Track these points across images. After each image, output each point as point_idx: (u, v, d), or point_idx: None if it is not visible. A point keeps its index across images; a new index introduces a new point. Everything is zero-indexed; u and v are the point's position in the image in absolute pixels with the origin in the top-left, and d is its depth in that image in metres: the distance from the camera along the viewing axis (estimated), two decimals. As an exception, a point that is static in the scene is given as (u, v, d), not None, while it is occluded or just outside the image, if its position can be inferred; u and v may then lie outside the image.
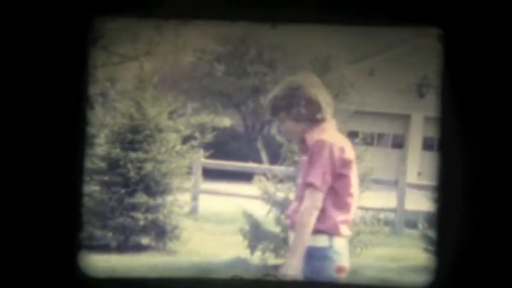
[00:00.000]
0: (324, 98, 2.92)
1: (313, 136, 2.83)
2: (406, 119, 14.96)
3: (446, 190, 2.06)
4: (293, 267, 2.70)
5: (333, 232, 2.79)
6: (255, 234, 6.49)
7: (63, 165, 2.01)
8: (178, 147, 7.16)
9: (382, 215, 7.76)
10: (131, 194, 6.89)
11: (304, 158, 2.85)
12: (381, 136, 14.72)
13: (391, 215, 8.65)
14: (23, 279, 1.99)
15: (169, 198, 7.08)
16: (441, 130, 2.06)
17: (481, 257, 2.02)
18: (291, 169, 6.50)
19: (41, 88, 1.99)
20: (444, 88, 2.04)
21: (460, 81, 2.02)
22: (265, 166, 6.75)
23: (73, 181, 2.05)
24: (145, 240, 6.92)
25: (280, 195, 6.61)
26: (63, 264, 2.02)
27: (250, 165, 8.58)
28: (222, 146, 10.87)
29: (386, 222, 8.01)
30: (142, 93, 7.17)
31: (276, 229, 6.53)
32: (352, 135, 7.34)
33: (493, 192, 2.02)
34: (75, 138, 2.05)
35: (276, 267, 6.50)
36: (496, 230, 2.02)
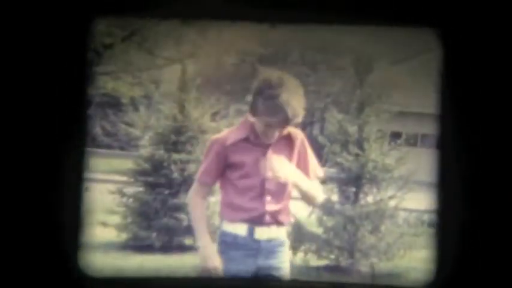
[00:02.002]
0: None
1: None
2: (450, 119, 14.72)
3: (446, 188, 2.05)
4: None
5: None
6: (297, 235, 6.48)
7: (64, 165, 2.02)
8: (221, 148, 7.18)
9: (426, 217, 7.67)
10: (175, 194, 6.96)
11: (271, 151, 2.80)
12: (424, 137, 14.55)
13: (436, 217, 8.52)
14: (24, 280, 2.01)
15: (212, 199, 7.11)
16: (440, 128, 2.06)
17: (480, 256, 2.01)
18: (333, 170, 6.48)
19: (42, 88, 2.00)
20: (443, 87, 2.03)
21: (459, 81, 2.01)
22: (308, 167, 6.73)
23: (74, 180, 2.06)
24: (188, 241, 6.98)
25: (323, 196, 6.59)
26: (64, 264, 2.04)
27: (292, 167, 8.55)
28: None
29: (431, 224, 7.91)
30: (185, 95, 7.24)
31: (319, 230, 6.52)
32: (395, 136, 7.28)
33: (492, 191, 2.00)
34: (76, 137, 2.06)
35: (318, 268, 6.50)
36: (496, 228, 2.00)
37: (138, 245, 6.81)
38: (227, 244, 2.81)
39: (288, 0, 2.11)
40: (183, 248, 6.92)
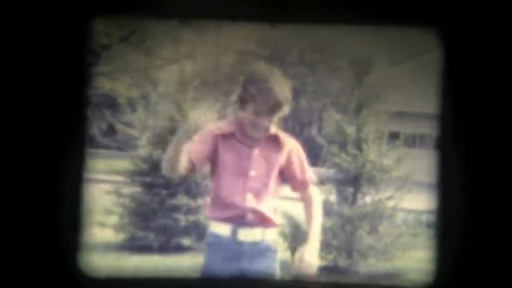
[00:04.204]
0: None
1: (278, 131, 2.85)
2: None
3: (446, 189, 2.05)
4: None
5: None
6: (296, 236, 6.47)
7: (63, 166, 2.02)
8: (218, 148, 7.19)
9: (424, 217, 7.67)
10: (172, 195, 6.95)
11: (257, 150, 2.80)
12: (423, 137, 14.54)
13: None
14: (23, 280, 2.01)
15: (209, 199, 7.11)
16: (440, 129, 2.06)
17: (480, 256, 2.00)
18: (331, 171, 6.48)
19: (40, 89, 2.00)
20: (444, 87, 2.04)
21: (460, 81, 2.01)
22: (306, 168, 6.74)
23: (72, 181, 2.06)
24: (186, 241, 6.97)
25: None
26: (62, 265, 2.03)
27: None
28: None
29: (429, 225, 7.92)
30: (183, 96, 7.24)
31: (317, 231, 6.51)
32: (393, 136, 7.28)
33: (492, 191, 2.00)
34: (76, 137, 2.06)
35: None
36: (497, 228, 2.00)
37: (135, 246, 6.79)
38: (212, 245, 2.80)
39: (288, 0, 2.11)
40: (180, 249, 6.91)
